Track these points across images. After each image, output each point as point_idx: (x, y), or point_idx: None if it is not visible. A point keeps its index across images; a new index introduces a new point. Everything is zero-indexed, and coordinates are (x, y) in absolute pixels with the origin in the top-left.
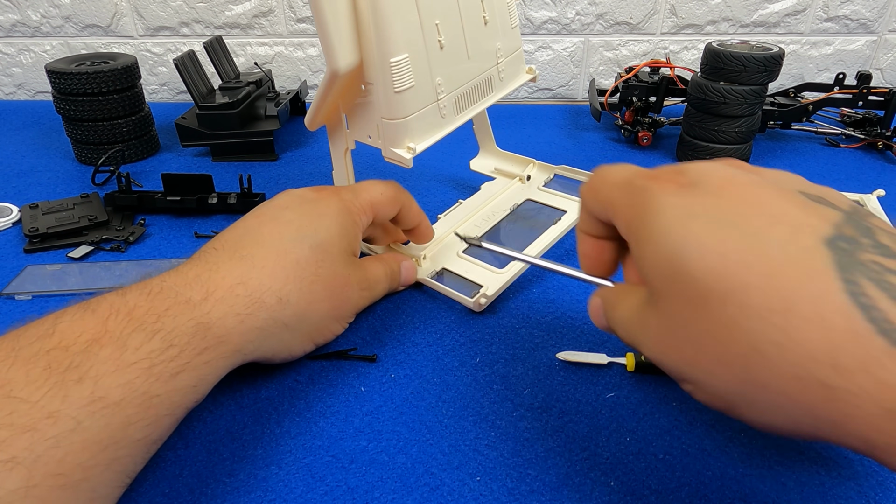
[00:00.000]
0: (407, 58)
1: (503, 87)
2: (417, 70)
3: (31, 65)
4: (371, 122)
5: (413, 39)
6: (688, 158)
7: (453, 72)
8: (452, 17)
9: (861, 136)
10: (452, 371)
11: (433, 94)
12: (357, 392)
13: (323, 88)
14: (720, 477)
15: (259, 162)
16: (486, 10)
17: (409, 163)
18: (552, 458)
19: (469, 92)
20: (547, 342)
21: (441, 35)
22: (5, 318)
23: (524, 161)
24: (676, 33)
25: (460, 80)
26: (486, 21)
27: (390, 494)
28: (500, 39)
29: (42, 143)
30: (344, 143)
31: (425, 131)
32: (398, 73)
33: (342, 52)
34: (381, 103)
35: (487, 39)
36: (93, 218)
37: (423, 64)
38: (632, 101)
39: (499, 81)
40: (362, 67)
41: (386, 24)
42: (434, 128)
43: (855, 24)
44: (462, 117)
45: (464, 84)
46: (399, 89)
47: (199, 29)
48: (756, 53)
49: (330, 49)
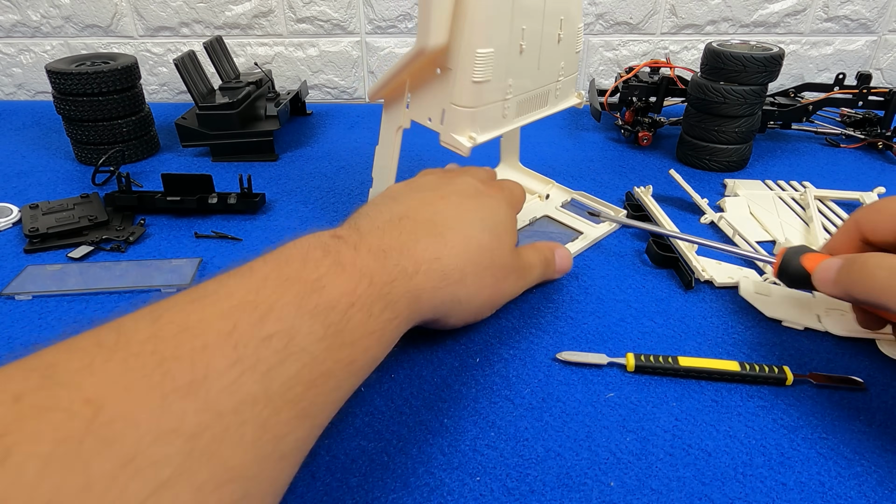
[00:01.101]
0: (492, 52)
1: (555, 105)
2: (497, 66)
3: (32, 65)
4: (437, 105)
5: (501, 37)
6: (688, 158)
7: (524, 78)
8: (536, 26)
9: (861, 136)
10: (452, 371)
11: (503, 92)
12: (357, 392)
13: (402, 62)
14: (720, 477)
15: (259, 162)
16: (562, 28)
17: (467, 151)
18: (552, 458)
19: (530, 99)
20: (547, 342)
21: (524, 40)
22: (5, 318)
23: (545, 181)
24: (676, 33)
25: (527, 86)
26: (559, 38)
27: (390, 494)
28: (564, 59)
29: (42, 144)
30: (399, 120)
31: (486, 126)
32: (481, 64)
33: (437, 30)
34: (454, 89)
35: (556, 56)
36: (93, 218)
37: (503, 63)
38: (632, 101)
39: (553, 98)
40: (446, 51)
41: (484, 16)
42: (495, 124)
43: (855, 24)
44: (519, 121)
45: (529, 91)
46: (478, 80)
47: (199, 29)
48: (756, 53)
49: (427, 24)
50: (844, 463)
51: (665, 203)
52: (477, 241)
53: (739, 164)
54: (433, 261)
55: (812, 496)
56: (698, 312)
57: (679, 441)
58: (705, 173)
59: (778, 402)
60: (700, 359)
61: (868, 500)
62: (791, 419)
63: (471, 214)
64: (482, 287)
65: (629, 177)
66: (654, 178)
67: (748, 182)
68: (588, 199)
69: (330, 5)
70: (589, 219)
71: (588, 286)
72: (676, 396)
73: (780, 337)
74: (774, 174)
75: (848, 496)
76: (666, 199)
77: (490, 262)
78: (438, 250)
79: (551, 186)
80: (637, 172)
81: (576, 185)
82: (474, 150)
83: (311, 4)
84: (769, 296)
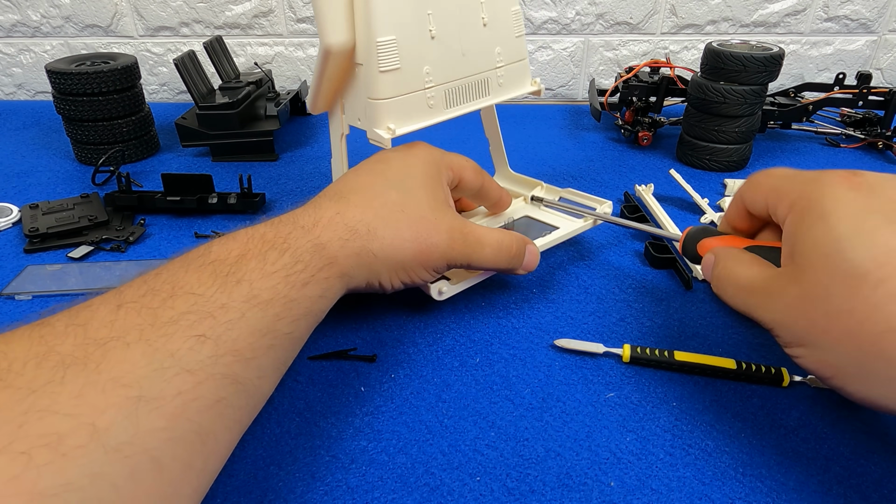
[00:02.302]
0: (394, 40)
1: (501, 93)
2: (404, 54)
3: (32, 65)
4: (360, 103)
5: (402, 23)
6: (688, 158)
7: (444, 65)
8: (446, 10)
9: (861, 136)
10: (452, 371)
11: (420, 81)
12: (357, 392)
13: (318, 68)
14: (720, 477)
15: (259, 162)
16: (485, 11)
17: (387, 143)
18: (552, 458)
19: (462, 88)
20: (547, 342)
21: (432, 25)
22: (5, 318)
23: (532, 183)
24: (676, 33)
25: (452, 74)
26: (484, 22)
27: (390, 494)
28: (500, 45)
29: (42, 143)
30: (340, 127)
31: (409, 116)
32: (384, 53)
33: (334, 28)
34: (367, 83)
35: (485, 42)
36: (93, 218)
37: (412, 50)
38: (632, 101)
39: (497, 86)
40: (354, 47)
41: (374, 4)
42: (419, 115)
43: (855, 24)
44: (452, 112)
45: (456, 80)
46: (384, 69)
47: (199, 29)
48: (756, 53)
49: (322, 24)
50: (844, 463)
51: (665, 203)
52: (382, 198)
53: (739, 163)
54: (333, 216)
55: (812, 496)
56: (698, 312)
57: (679, 441)
58: (705, 173)
59: (777, 403)
60: (696, 354)
61: (868, 500)
62: (791, 419)
63: (377, 177)
64: (401, 240)
65: (629, 177)
66: (654, 178)
67: None
68: (576, 195)
69: None
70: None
71: (588, 286)
72: (676, 396)
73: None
74: None
75: (848, 496)
76: (666, 199)
77: (402, 216)
78: (340, 208)
79: (539, 188)
80: (637, 172)
81: (576, 186)
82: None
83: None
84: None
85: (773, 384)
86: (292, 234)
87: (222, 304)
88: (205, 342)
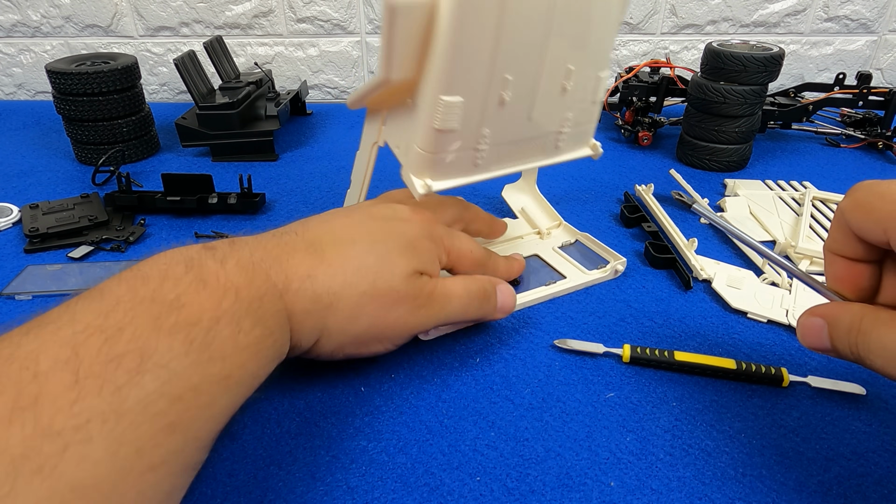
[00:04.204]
0: (461, 102)
1: (557, 155)
2: (467, 116)
3: (32, 65)
4: (404, 135)
5: (474, 87)
6: (688, 158)
7: (506, 128)
8: (528, 77)
9: (861, 136)
10: (452, 371)
11: (474, 140)
12: (357, 392)
13: (370, 84)
14: (720, 477)
15: (259, 162)
16: (570, 79)
17: (418, 197)
18: (552, 458)
19: (516, 149)
20: (547, 342)
21: (507, 91)
22: (5, 318)
23: (553, 217)
24: (676, 33)
25: (510, 135)
26: (564, 90)
27: (390, 494)
28: (573, 110)
29: (42, 143)
30: (375, 135)
31: (451, 173)
32: (445, 112)
33: (399, 67)
34: (417, 128)
35: (558, 108)
36: (93, 218)
37: (476, 113)
38: (632, 101)
39: (554, 149)
40: (416, 83)
41: (450, 60)
42: (463, 171)
43: (855, 24)
44: (498, 171)
45: (512, 140)
46: (440, 127)
47: (199, 29)
48: (756, 53)
49: (389, 58)
50: (844, 463)
51: (665, 203)
52: (358, 262)
53: (739, 163)
54: (304, 279)
55: (812, 496)
56: (698, 312)
57: (679, 441)
58: (705, 173)
59: (777, 403)
60: (696, 354)
61: (867, 500)
62: (790, 419)
63: (363, 236)
64: (359, 315)
65: (629, 176)
66: (654, 178)
67: (748, 182)
68: (592, 242)
69: (330, 5)
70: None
71: (588, 286)
72: (676, 397)
73: (780, 338)
74: (774, 174)
75: (848, 496)
76: (666, 199)
77: (370, 287)
78: (313, 267)
79: (558, 225)
80: (637, 172)
81: (576, 186)
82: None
83: (312, 4)
84: (740, 289)
85: (773, 384)
86: (266, 296)
87: (194, 385)
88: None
